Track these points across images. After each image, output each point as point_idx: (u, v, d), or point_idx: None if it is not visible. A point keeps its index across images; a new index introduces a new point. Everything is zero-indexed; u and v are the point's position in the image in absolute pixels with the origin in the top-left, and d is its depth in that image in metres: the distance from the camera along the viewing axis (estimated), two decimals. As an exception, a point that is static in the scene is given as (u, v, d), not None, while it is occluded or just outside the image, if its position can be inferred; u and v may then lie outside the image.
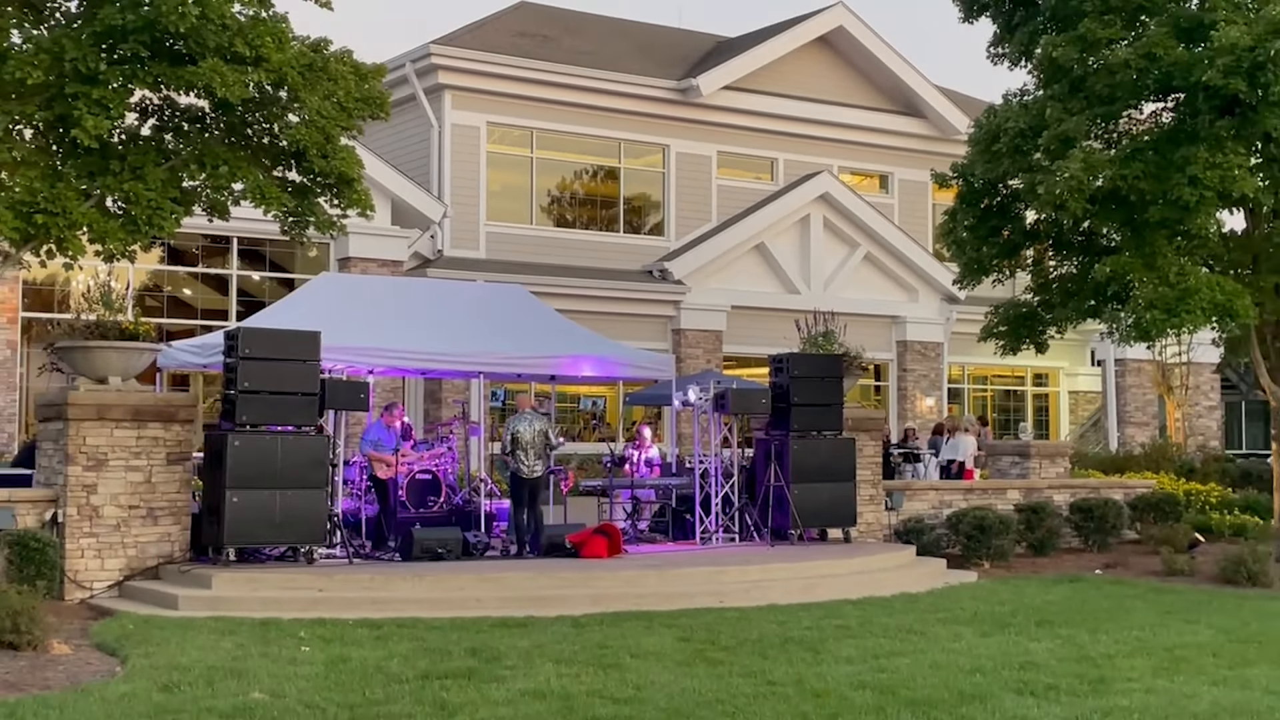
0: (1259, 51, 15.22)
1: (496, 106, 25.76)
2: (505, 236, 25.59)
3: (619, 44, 29.08)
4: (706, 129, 27.93)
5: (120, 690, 9.21)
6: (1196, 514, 21.81)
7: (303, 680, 9.60)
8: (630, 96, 26.90)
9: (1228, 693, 10.14)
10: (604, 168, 27.75)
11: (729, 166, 28.47)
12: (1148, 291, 16.73)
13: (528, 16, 29.38)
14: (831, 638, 12.19)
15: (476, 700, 9.08)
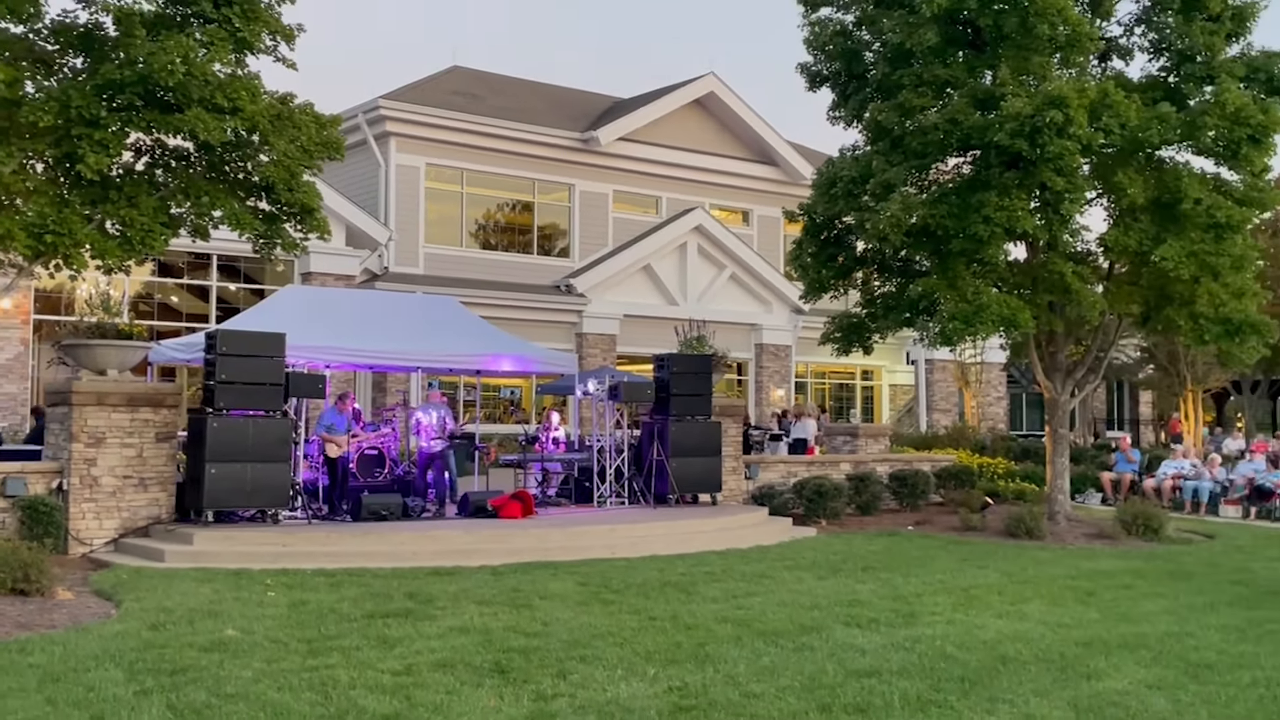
0: (1037, 119, 15.49)
1: (434, 151, 25.66)
2: (440, 257, 25.47)
3: (535, 101, 29.07)
4: (605, 172, 28.02)
5: (115, 629, 9.10)
6: (987, 482, 22.20)
7: (269, 620, 9.52)
8: (543, 144, 26.95)
9: (1009, 623, 10.40)
10: (521, 202, 27.71)
11: (622, 202, 28.55)
12: (950, 306, 16.96)
13: (460, 78, 29.29)
14: (701, 581, 12.30)
15: (413, 635, 9.06)
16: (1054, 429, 19.33)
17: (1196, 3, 16.98)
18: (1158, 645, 9.52)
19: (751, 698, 7.36)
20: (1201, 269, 16.62)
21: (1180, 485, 23.68)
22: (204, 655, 8.14)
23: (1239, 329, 17.23)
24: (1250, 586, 13.28)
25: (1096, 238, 18.23)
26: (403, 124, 25.13)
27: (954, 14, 16.66)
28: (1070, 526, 18.17)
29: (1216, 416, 35.72)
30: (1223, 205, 16.46)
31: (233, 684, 7.36)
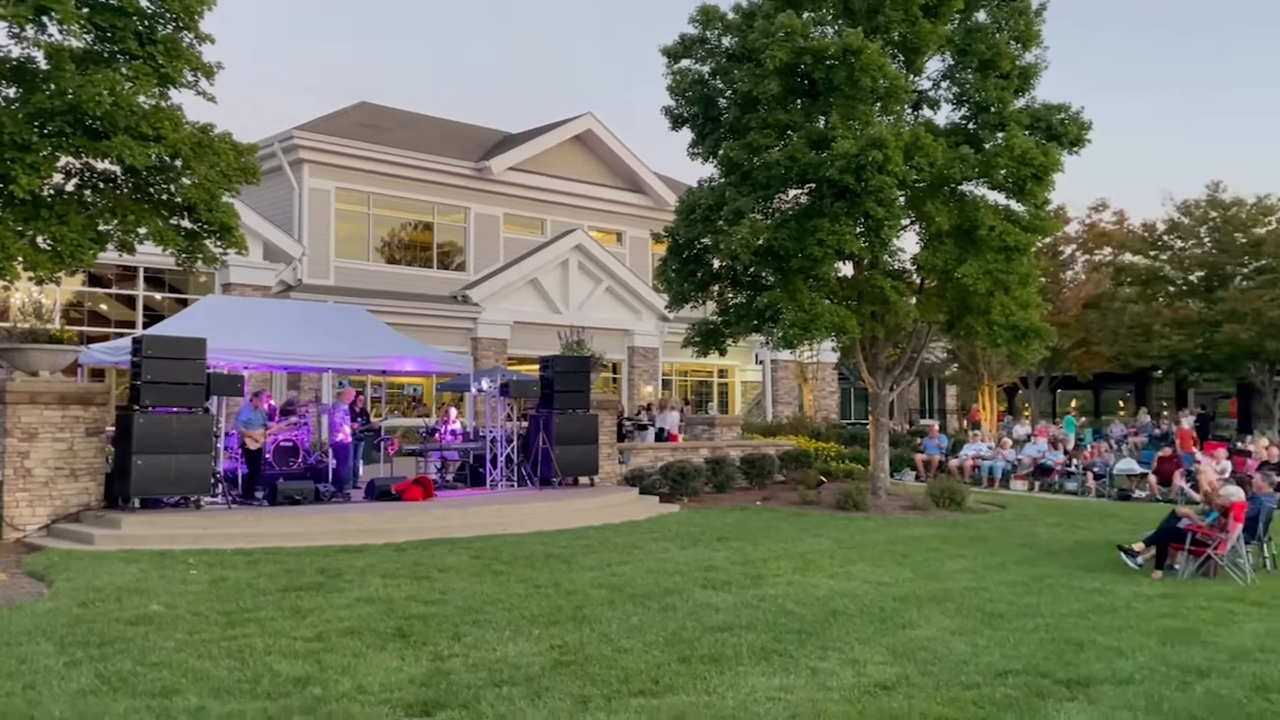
0: (862, 157, 15.79)
1: (343, 176, 25.10)
2: (349, 270, 24.93)
3: (435, 134, 28.64)
4: (496, 197, 27.74)
5: (47, 606, 8.71)
6: (822, 463, 22.47)
7: (191, 595, 9.20)
8: (442, 172, 26.57)
9: (839, 583, 10.60)
10: (423, 222, 27.25)
11: (512, 224, 28.29)
12: (791, 315, 17.18)
13: (367, 112, 28.72)
14: (580, 553, 12.25)
15: (323, 606, 8.85)
16: (876, 418, 19.75)
17: (990, 63, 17.55)
18: (959, 598, 9.81)
19: (622, 652, 7.37)
20: (995, 284, 17.16)
21: (979, 464, 24.45)
22: (130, 629, 7.83)
23: (1025, 334, 17.84)
24: (1034, 548, 13.76)
25: (910, 258, 18.63)
26: (315, 152, 24.54)
27: (793, 68, 16.88)
28: (889, 500, 18.57)
29: (1008, 406, 36.97)
30: (1012, 231, 17.01)
31: (157, 654, 7.10)
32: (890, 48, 17.16)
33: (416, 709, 5.98)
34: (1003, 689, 6.57)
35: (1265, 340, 31.66)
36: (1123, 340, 34.37)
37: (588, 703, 6.09)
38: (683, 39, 18.56)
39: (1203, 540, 11.32)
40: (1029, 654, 7.55)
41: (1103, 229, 36.93)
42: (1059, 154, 17.30)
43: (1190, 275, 36.43)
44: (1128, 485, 22.31)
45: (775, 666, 7.02)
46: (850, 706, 6.11)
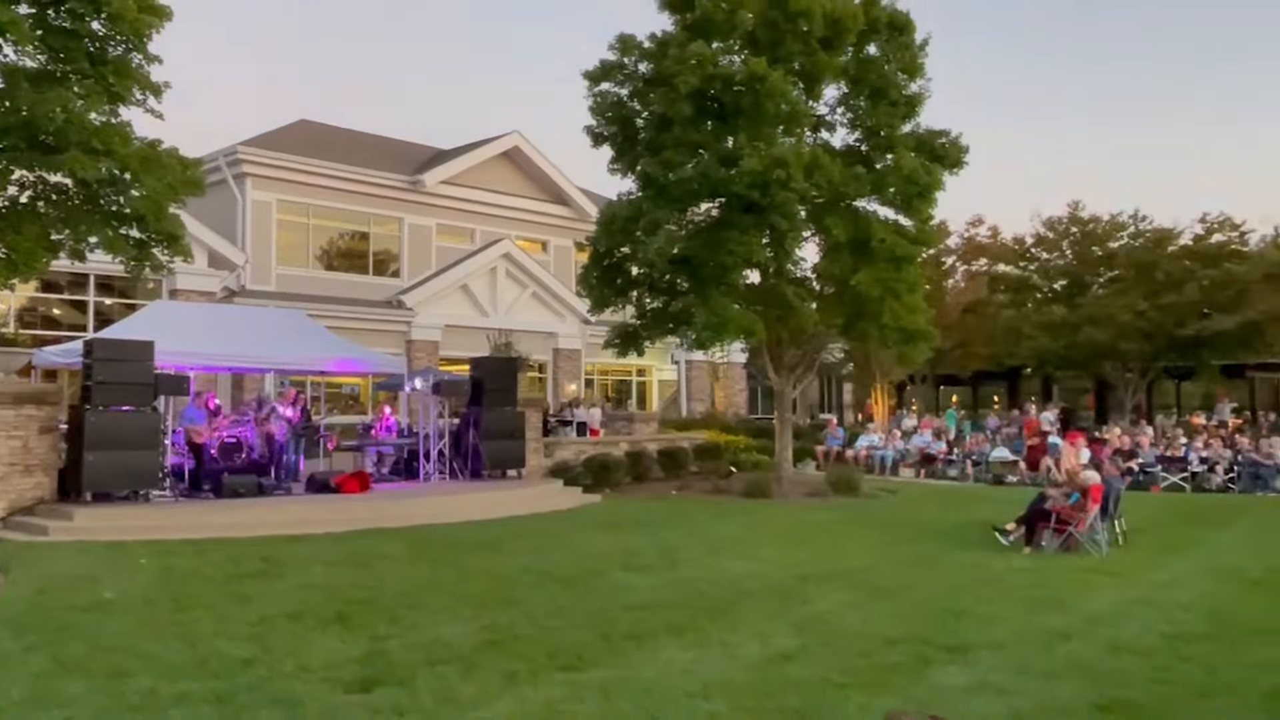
0: (766, 175, 15.98)
1: (284, 189, 24.57)
2: (290, 277, 24.40)
3: (371, 150, 28.17)
4: (429, 208, 27.39)
5: (4, 595, 8.41)
6: (732, 455, 22.65)
7: (141, 583, 8.97)
8: (377, 185, 26.17)
9: (748, 564, 10.71)
10: (359, 232, 26.78)
11: (444, 233, 27.95)
12: (703, 319, 17.23)
13: (307, 129, 28.15)
14: (508, 540, 12.19)
15: (267, 591, 8.69)
16: (781, 413, 19.96)
17: (881, 92, 17.89)
18: (854, 575, 10.00)
19: (548, 631, 7.37)
20: (886, 291, 17.44)
21: (872, 454, 24.92)
22: (84, 615, 7.60)
23: (912, 336, 18.21)
24: (920, 529, 14.05)
25: (811, 267, 18.86)
26: (257, 166, 23.98)
27: (704, 92, 16.99)
28: (793, 487, 18.71)
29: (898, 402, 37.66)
30: (901, 243, 17.36)
31: (109, 638, 6.91)
32: (792, 76, 17.35)
33: (356, 686, 5.91)
34: (892, 655, 6.73)
35: (1118, 342, 32.82)
36: (997, 341, 35.33)
37: (515, 677, 6.09)
38: (603, 64, 18.54)
39: (1065, 519, 11.71)
40: (915, 623, 7.72)
41: (979, 242, 37.82)
42: (941, 174, 17.72)
43: (1055, 284, 37.60)
44: (1001, 471, 22.93)
45: (689, 641, 7.09)
46: (757, 675, 6.21)
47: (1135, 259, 34.47)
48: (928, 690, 5.91)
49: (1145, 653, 6.85)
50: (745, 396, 35.15)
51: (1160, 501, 18.01)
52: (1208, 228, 34.86)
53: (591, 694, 5.75)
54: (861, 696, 5.70)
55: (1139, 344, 33.18)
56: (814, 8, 16.95)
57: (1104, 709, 5.55)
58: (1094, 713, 5.49)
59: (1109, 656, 6.75)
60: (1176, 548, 12.24)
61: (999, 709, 5.52)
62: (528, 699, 5.68)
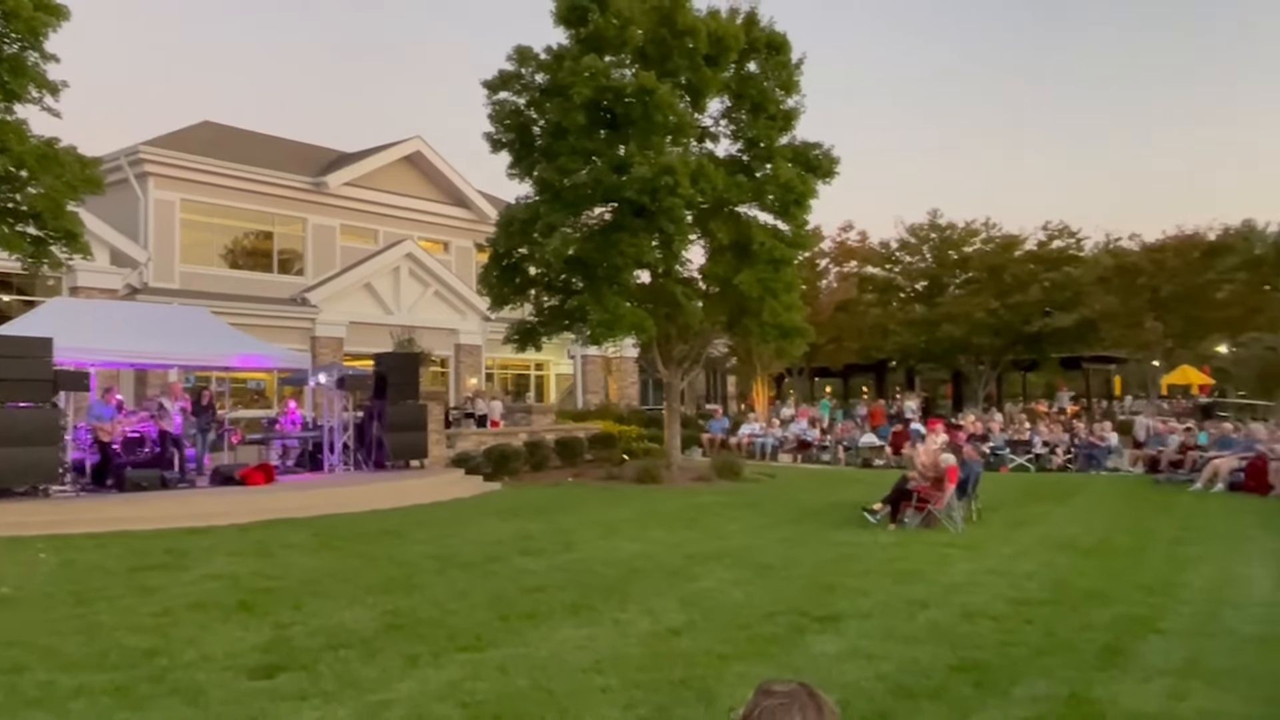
0: (656, 181, 16.08)
1: (187, 189, 23.56)
2: (194, 275, 23.43)
3: (275, 152, 27.22)
4: (333, 209, 26.66)
5: (-109, 595, 7.81)
6: (625, 444, 22.78)
7: (40, 578, 8.49)
8: (281, 186, 25.33)
9: (639, 545, 10.74)
10: (264, 231, 25.88)
11: (348, 234, 27.25)
12: (597, 317, 17.27)
13: (210, 130, 27.05)
14: (411, 528, 11.97)
15: (170, 583, 8.32)
16: (670, 404, 20.11)
17: (760, 106, 18.16)
18: (737, 554, 10.13)
19: (449, 614, 7.26)
20: (766, 291, 17.75)
21: (753, 441, 25.34)
22: (-22, 612, 7.15)
23: (790, 333, 18.56)
24: (795, 510, 14.31)
25: (698, 268, 19.04)
26: (160, 165, 22.91)
27: (597, 103, 16.98)
28: (681, 473, 18.89)
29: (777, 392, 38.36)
30: (779, 247, 17.67)
31: (6, 633, 6.50)
32: (679, 90, 17.49)
33: (259, 673, 5.70)
34: (770, 627, 6.84)
35: (972, 337, 34.17)
36: (865, 337, 36.37)
37: (417, 659, 5.98)
38: (501, 74, 18.35)
39: (925, 498, 12.11)
40: (792, 597, 7.86)
41: (850, 246, 38.83)
42: (815, 183, 18.08)
43: (916, 284, 38.89)
44: (870, 455, 23.60)
45: (583, 620, 7.07)
46: (646, 649, 6.23)
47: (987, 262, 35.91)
48: (803, 658, 6.02)
49: (995, 617, 7.12)
50: (637, 389, 35.29)
51: (1008, 481, 18.79)
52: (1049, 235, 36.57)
53: (490, 672, 5.69)
54: (741, 666, 5.77)
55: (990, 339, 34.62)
56: (699, 27, 17.11)
57: (958, 669, 5.75)
58: (950, 673, 5.68)
59: (963, 622, 7.00)
60: (1022, 523, 12.77)
61: (866, 673, 5.67)
62: (429, 679, 5.58)
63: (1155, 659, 6.02)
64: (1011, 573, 9.00)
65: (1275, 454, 16.50)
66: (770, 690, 1.74)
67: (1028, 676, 5.62)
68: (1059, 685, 5.44)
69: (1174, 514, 13.70)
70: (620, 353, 31.69)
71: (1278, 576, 8.90)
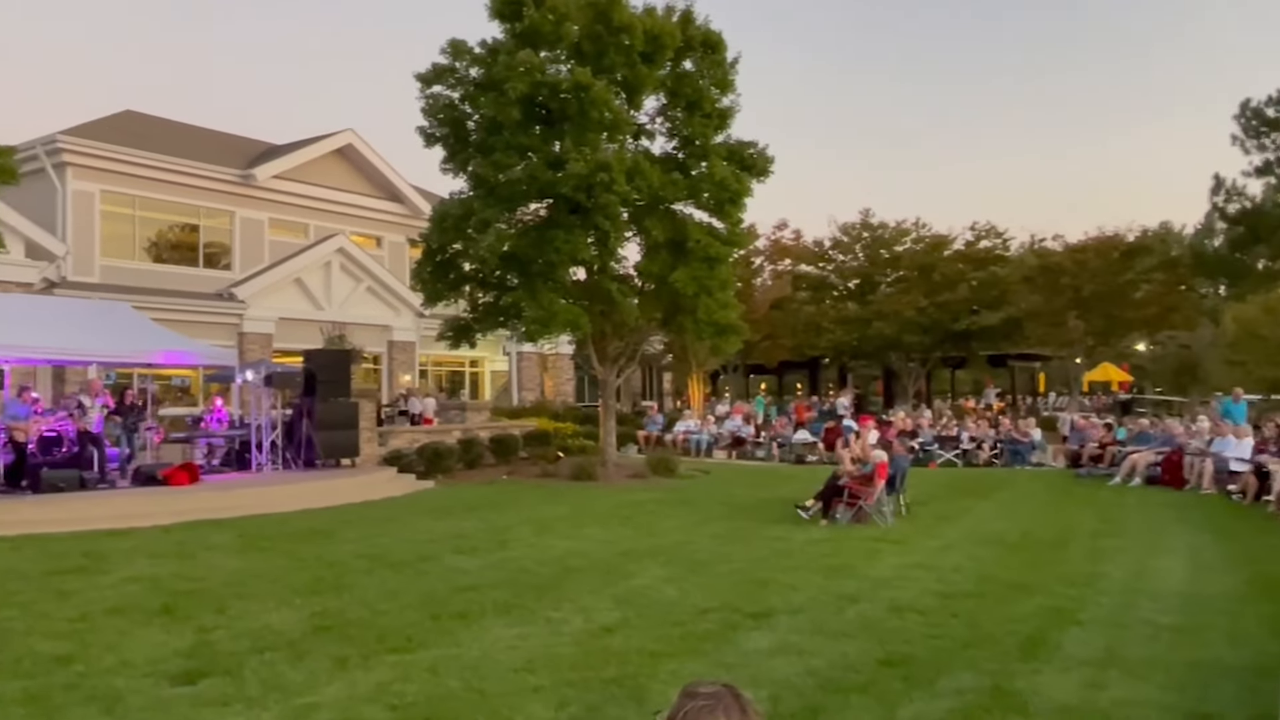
0: (591, 178, 16.06)
1: (108, 180, 22.80)
2: (115, 269, 22.69)
3: (201, 143, 26.46)
4: (262, 203, 26.04)
5: None
6: (560, 441, 22.69)
7: (-53, 584, 8.10)
8: (208, 178, 24.64)
9: (573, 543, 10.72)
10: (190, 224, 25.15)
11: (277, 228, 26.64)
12: (532, 313, 17.18)
13: (133, 119, 26.19)
14: (341, 527, 11.78)
15: (87, 587, 8.04)
16: (605, 401, 20.09)
17: (696, 104, 18.22)
18: (671, 551, 10.16)
19: (379, 614, 7.15)
20: (701, 288, 17.83)
21: (689, 438, 25.45)
22: (-122, 621, 6.82)
23: (725, 330, 18.69)
24: (731, 506, 14.40)
25: (633, 265, 19.04)
26: (79, 156, 22.12)
27: (532, 98, 16.88)
28: (616, 470, 18.89)
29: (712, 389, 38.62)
30: (714, 244, 17.76)
31: (-92, 644, 6.22)
32: (614, 86, 17.47)
33: (181, 678, 5.54)
34: (704, 624, 6.87)
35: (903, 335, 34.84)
36: (799, 334, 36.82)
37: (346, 662, 5.87)
38: (435, 67, 18.12)
39: (855, 494, 12.30)
40: (725, 594, 7.91)
41: (784, 244, 39.24)
42: (750, 182, 18.21)
43: (849, 283, 39.50)
44: (803, 452, 23.88)
45: (516, 619, 7.03)
46: (579, 648, 6.21)
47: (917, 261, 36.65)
48: (735, 655, 6.06)
49: (922, 611, 7.26)
50: (573, 386, 35.23)
51: (936, 476, 19.17)
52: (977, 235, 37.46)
53: (420, 674, 5.61)
54: (674, 664, 5.79)
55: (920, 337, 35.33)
56: (635, 24, 17.11)
57: (886, 663, 5.84)
58: (878, 667, 5.77)
59: (892, 616, 7.12)
60: (949, 517, 13.04)
61: (797, 668, 5.73)
62: (357, 682, 5.48)
63: (1075, 650, 6.19)
64: (939, 567, 9.18)
65: (1190, 449, 17.13)
66: (695, 692, 1.73)
67: (953, 669, 5.73)
68: (983, 677, 5.56)
69: (1094, 507, 14.13)
70: (556, 350, 31.57)
71: (1191, 568, 9.24)
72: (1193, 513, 13.44)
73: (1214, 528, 11.95)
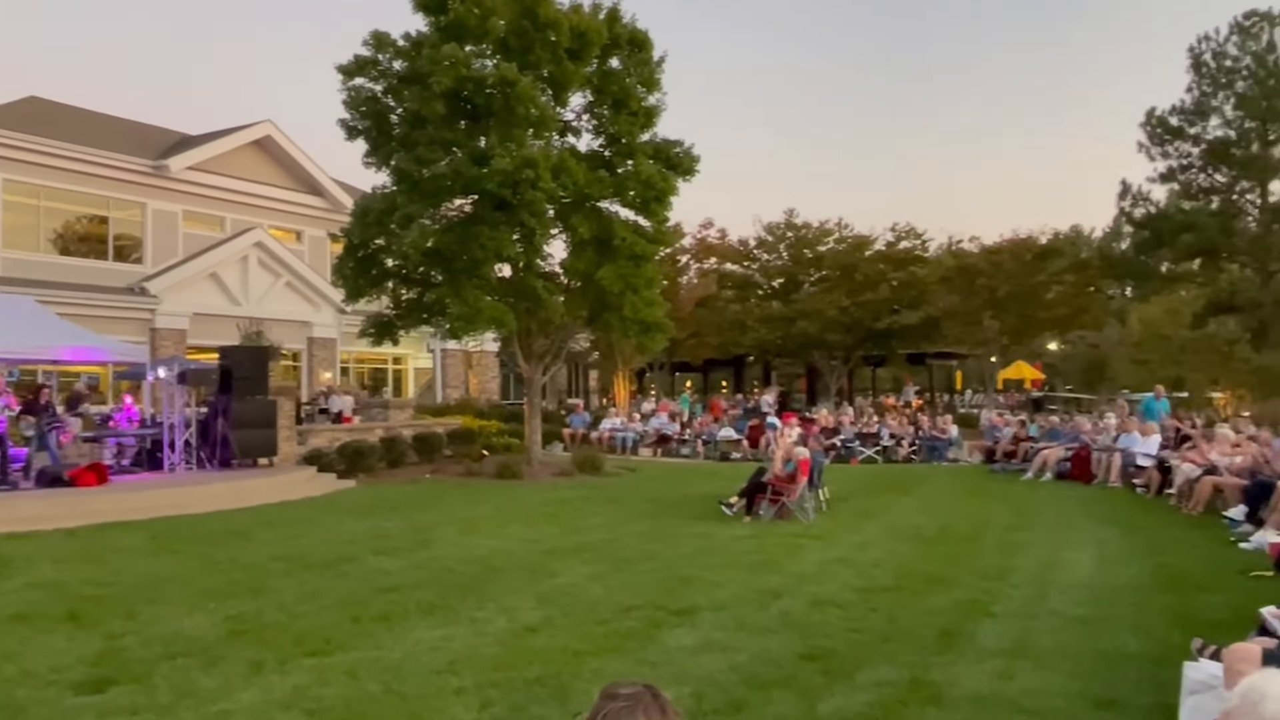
0: (517, 175, 15.95)
1: (10, 168, 21.82)
2: (19, 261, 21.74)
3: (111, 132, 25.52)
4: (175, 194, 25.21)
5: None
6: (485, 439, 22.49)
7: None
8: (118, 169, 23.77)
9: (497, 542, 10.64)
10: (99, 216, 24.24)
11: (192, 220, 25.83)
12: (456, 310, 17.01)
13: (37, 106, 25.12)
14: (258, 528, 11.49)
15: (-15, 594, 7.68)
16: (531, 399, 20.00)
17: (622, 102, 18.25)
18: (597, 549, 10.15)
19: (297, 618, 6.99)
20: (627, 286, 17.88)
21: (614, 435, 25.47)
22: None
23: (650, 328, 18.76)
24: (655, 504, 14.41)
25: (559, 262, 19.01)
26: (-22, 143, 21.21)
27: (457, 93, 16.70)
28: (542, 468, 18.83)
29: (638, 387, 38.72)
30: (640, 243, 17.82)
31: None
32: (541, 83, 17.38)
33: (87, 687, 5.35)
34: (628, 622, 6.88)
35: (825, 333, 35.42)
36: (725, 333, 37.13)
37: (261, 666, 5.73)
38: (357, 59, 17.77)
39: (779, 491, 12.46)
40: (649, 591, 7.93)
41: (709, 243, 39.55)
42: (675, 180, 18.30)
43: (773, 282, 39.99)
44: (728, 449, 24.11)
45: (439, 619, 6.95)
46: (503, 648, 6.17)
47: (839, 261, 37.27)
48: (659, 652, 6.09)
49: (842, 605, 7.39)
50: (498, 383, 34.97)
51: (857, 473, 19.55)
52: (897, 235, 38.25)
53: (339, 677, 5.51)
54: (598, 662, 5.79)
55: (842, 335, 35.96)
56: (561, 20, 17.05)
57: (807, 658, 5.93)
58: (799, 661, 5.86)
59: (813, 611, 7.23)
60: (870, 513, 13.30)
61: (720, 664, 5.78)
62: (273, 687, 5.36)
63: (989, 641, 6.38)
64: (859, 562, 9.36)
65: (1097, 445, 17.78)
66: (614, 693, 1.74)
67: (872, 662, 5.85)
68: (901, 670, 5.69)
69: (1008, 502, 14.57)
70: (481, 347, 31.30)
71: (1098, 560, 9.59)
72: (1100, 506, 13.95)
73: (1120, 521, 12.43)
